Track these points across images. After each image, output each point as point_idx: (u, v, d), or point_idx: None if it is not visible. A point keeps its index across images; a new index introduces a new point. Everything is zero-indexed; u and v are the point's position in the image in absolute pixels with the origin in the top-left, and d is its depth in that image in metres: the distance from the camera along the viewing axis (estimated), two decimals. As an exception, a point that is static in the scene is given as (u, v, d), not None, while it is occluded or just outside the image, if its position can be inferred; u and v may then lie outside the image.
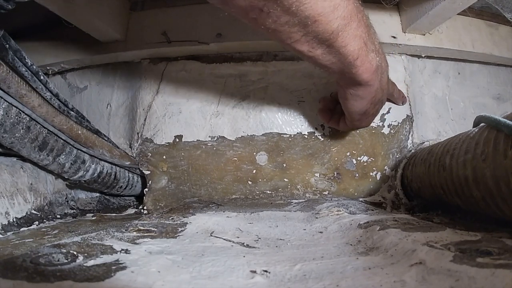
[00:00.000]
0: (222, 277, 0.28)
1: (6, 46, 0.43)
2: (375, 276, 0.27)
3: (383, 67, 0.54)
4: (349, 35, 0.45)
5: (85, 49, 0.78)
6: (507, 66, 0.87)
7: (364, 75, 0.51)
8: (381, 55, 0.53)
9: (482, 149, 0.40)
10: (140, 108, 0.77)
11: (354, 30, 0.45)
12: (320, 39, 0.45)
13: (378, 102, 0.59)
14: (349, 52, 0.47)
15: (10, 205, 0.53)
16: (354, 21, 0.45)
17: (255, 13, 0.41)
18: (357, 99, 0.57)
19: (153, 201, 0.73)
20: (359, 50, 0.48)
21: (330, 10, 0.41)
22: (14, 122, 0.48)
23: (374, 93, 0.55)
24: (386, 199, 0.69)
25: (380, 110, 0.63)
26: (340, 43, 0.45)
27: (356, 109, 0.59)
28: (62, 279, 0.24)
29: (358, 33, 0.46)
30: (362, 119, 0.62)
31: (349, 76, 0.52)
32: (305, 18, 0.41)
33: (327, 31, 0.43)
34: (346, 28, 0.44)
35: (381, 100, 0.60)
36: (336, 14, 0.42)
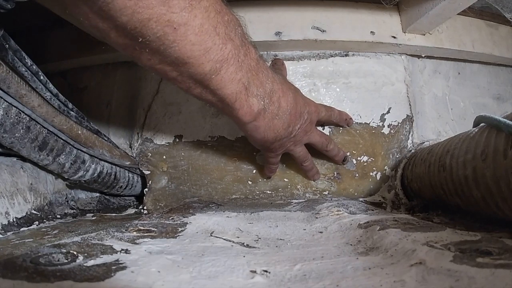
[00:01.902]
0: (222, 277, 0.28)
1: (6, 46, 0.43)
2: (375, 276, 0.27)
3: (273, 111, 0.54)
4: (224, 78, 0.45)
5: (85, 49, 0.78)
6: (507, 66, 0.87)
7: (244, 117, 0.52)
8: (272, 99, 0.53)
9: (482, 149, 0.40)
10: (140, 108, 0.77)
11: (230, 74, 0.45)
12: (195, 80, 0.45)
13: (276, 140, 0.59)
14: (226, 95, 0.48)
15: (10, 205, 0.53)
16: (232, 65, 0.45)
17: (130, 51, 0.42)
18: (249, 136, 0.59)
19: (153, 201, 0.73)
20: (238, 94, 0.48)
21: (201, 53, 0.41)
22: (14, 122, 0.48)
23: (262, 134, 0.56)
24: (386, 199, 0.69)
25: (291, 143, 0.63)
26: (215, 85, 0.46)
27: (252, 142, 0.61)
28: (62, 279, 0.24)
29: (236, 77, 0.46)
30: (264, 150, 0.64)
31: (231, 115, 0.53)
32: (175, 59, 0.41)
33: (199, 73, 0.43)
34: (220, 72, 0.44)
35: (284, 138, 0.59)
36: (208, 58, 0.42)
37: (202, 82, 0.45)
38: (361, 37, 0.71)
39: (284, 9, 0.71)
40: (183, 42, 0.40)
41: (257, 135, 0.57)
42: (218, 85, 0.46)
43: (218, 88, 0.46)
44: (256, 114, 0.52)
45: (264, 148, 0.62)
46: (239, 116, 0.52)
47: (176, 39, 0.39)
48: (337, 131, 0.74)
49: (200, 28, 0.40)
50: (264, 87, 0.52)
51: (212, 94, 0.48)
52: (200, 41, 0.41)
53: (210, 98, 0.49)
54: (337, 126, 0.73)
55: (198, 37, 0.40)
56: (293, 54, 0.76)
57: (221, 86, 0.46)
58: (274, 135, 0.57)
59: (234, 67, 0.45)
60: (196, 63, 0.42)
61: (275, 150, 0.63)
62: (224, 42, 0.43)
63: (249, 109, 0.51)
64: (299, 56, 0.76)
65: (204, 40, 0.41)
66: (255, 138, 0.58)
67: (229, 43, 0.44)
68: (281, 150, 0.64)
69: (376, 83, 0.75)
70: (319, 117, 0.65)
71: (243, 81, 0.48)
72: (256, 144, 0.61)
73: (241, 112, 0.51)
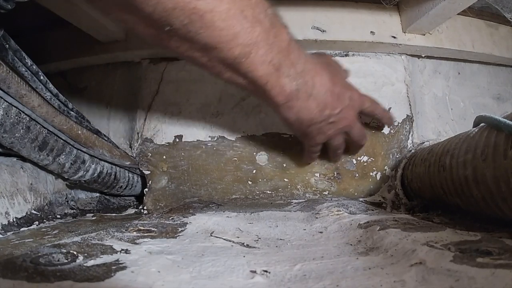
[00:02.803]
0: (222, 277, 0.28)
1: (6, 46, 0.43)
2: (375, 276, 0.27)
3: (307, 90, 0.53)
4: (254, 61, 0.45)
5: (85, 49, 0.78)
6: (507, 66, 0.87)
7: (276, 98, 0.51)
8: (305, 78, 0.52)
9: (482, 149, 0.40)
10: (140, 108, 0.77)
11: (260, 56, 0.45)
12: (225, 64, 0.45)
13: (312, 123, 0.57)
14: (257, 77, 0.47)
15: (10, 205, 0.53)
16: (261, 48, 0.45)
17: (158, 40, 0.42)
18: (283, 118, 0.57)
19: (153, 201, 0.73)
20: (269, 75, 0.48)
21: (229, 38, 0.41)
22: (14, 122, 0.48)
23: (297, 115, 0.55)
24: (386, 199, 0.69)
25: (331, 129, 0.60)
26: (246, 68, 0.46)
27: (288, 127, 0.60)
28: (62, 279, 0.24)
29: (267, 58, 0.46)
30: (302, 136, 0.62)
31: (263, 98, 0.52)
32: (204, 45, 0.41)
33: (229, 57, 0.43)
34: (250, 55, 0.44)
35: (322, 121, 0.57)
36: (237, 42, 0.42)
37: (232, 66, 0.45)
38: (361, 37, 0.71)
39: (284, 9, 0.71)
40: (211, 28, 0.39)
41: (291, 117, 0.55)
42: (248, 68, 0.45)
43: (248, 71, 0.46)
44: (288, 94, 0.51)
45: (302, 133, 0.60)
46: (271, 97, 0.51)
47: (203, 26, 0.39)
48: (337, 131, 0.73)
49: (227, 13, 0.40)
50: (296, 68, 0.50)
51: (243, 77, 0.48)
52: (227, 26, 0.40)
53: (241, 81, 0.49)
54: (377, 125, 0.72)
55: (225, 23, 0.40)
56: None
57: (251, 69, 0.46)
58: (309, 116, 0.55)
59: (264, 49, 0.45)
60: (225, 48, 0.42)
61: (313, 137, 0.61)
62: (252, 25, 0.42)
63: (281, 89, 0.50)
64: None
65: (231, 25, 0.40)
66: (290, 120, 0.56)
67: (258, 26, 0.43)
68: (321, 138, 0.61)
69: (376, 83, 0.75)
70: (362, 107, 0.62)
71: (274, 63, 0.47)
72: (293, 128, 0.59)
73: (273, 93, 0.50)
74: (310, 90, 0.53)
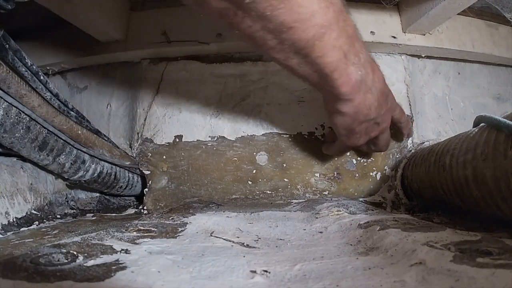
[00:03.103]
0: (222, 277, 0.28)
1: (6, 46, 0.43)
2: (375, 276, 0.27)
3: (368, 83, 0.50)
4: (327, 45, 0.43)
5: (85, 49, 0.78)
6: (507, 66, 0.87)
7: (342, 88, 0.48)
8: (367, 69, 0.50)
9: (482, 149, 0.40)
10: (140, 108, 0.77)
11: (333, 40, 0.43)
12: (295, 48, 0.43)
13: (365, 120, 0.55)
14: (326, 63, 0.45)
15: (10, 205, 0.53)
16: (334, 31, 0.42)
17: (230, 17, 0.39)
18: (340, 113, 0.53)
19: (153, 201, 0.73)
20: (338, 62, 0.45)
21: (307, 17, 0.39)
22: (14, 122, 0.48)
23: (356, 109, 0.52)
24: (386, 199, 0.69)
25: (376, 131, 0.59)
26: (317, 53, 0.43)
27: (339, 123, 0.56)
28: (62, 279, 0.24)
29: (337, 43, 0.44)
30: (349, 135, 0.58)
31: (327, 88, 0.49)
32: (280, 25, 0.39)
33: (302, 39, 0.41)
34: (323, 38, 0.42)
35: (373, 119, 0.56)
36: (313, 22, 0.40)
37: (303, 50, 0.43)
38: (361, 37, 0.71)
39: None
40: (291, 3, 0.37)
41: (348, 111, 0.52)
42: (319, 52, 0.43)
43: (318, 56, 0.43)
44: (353, 84, 0.48)
45: (350, 131, 0.57)
46: (336, 86, 0.48)
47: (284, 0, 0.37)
48: (337, 131, 0.74)
49: None
50: (359, 57, 0.48)
51: (311, 64, 0.45)
52: (307, 3, 0.38)
53: (307, 69, 0.46)
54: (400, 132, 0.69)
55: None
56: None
57: (322, 53, 0.43)
58: (367, 112, 0.53)
59: (336, 33, 0.43)
60: (301, 27, 0.39)
61: (360, 136, 0.58)
62: (327, 5, 0.40)
63: (347, 78, 0.47)
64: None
65: (311, 2, 0.39)
66: (347, 115, 0.53)
67: (331, 7, 0.41)
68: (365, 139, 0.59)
69: (376, 83, 0.75)
70: (393, 112, 0.60)
71: (343, 49, 0.45)
72: (344, 125, 0.55)
73: (339, 82, 0.47)
74: (370, 83, 0.51)
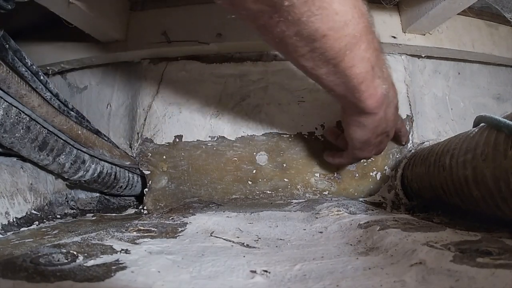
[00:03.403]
0: (222, 277, 0.28)
1: (6, 46, 0.43)
2: (375, 276, 0.27)
3: (390, 97, 0.51)
4: (356, 56, 0.43)
5: (85, 49, 0.78)
6: (507, 66, 0.87)
7: (367, 101, 0.48)
8: (389, 83, 0.50)
9: (482, 149, 0.40)
10: (140, 108, 0.77)
11: (362, 51, 0.43)
12: (326, 57, 0.42)
13: (382, 133, 0.56)
14: (355, 75, 0.45)
15: (10, 205, 0.53)
16: (364, 42, 0.43)
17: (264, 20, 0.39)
18: (359, 126, 0.54)
19: (153, 201, 0.73)
20: (366, 74, 0.45)
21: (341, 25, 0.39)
22: (14, 122, 0.48)
23: (377, 123, 0.52)
24: (386, 199, 0.69)
25: (385, 143, 0.61)
26: (346, 63, 0.43)
27: (357, 136, 0.56)
28: (62, 279, 0.24)
29: (366, 55, 0.44)
30: (363, 148, 0.59)
31: (352, 101, 0.49)
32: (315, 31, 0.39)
33: (334, 48, 0.41)
34: (354, 48, 0.42)
35: (386, 132, 0.57)
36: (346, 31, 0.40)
37: (333, 60, 0.42)
38: (361, 37, 0.71)
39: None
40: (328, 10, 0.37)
41: (371, 125, 0.52)
42: (349, 63, 0.43)
43: (348, 67, 0.43)
44: (379, 98, 0.48)
45: (366, 144, 0.57)
46: (363, 99, 0.48)
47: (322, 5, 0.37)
48: (337, 131, 0.74)
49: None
50: (382, 70, 0.48)
51: (339, 75, 0.45)
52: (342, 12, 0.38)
53: (334, 79, 0.46)
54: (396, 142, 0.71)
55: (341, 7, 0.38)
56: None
57: (351, 64, 0.43)
58: (385, 125, 0.54)
59: (365, 44, 0.43)
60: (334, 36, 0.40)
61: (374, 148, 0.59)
62: (359, 16, 0.41)
63: (374, 91, 0.47)
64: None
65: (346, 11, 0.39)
66: (368, 129, 0.53)
67: (363, 18, 0.41)
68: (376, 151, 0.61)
69: (376, 83, 0.75)
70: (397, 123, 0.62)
71: (371, 61, 0.45)
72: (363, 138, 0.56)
73: (366, 95, 0.47)
74: (392, 97, 0.51)
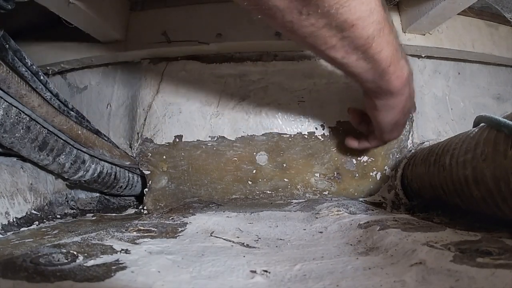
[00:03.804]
0: (222, 277, 0.28)
1: (6, 46, 0.43)
2: (375, 276, 0.27)
3: (411, 75, 0.54)
4: (383, 40, 0.45)
5: (85, 49, 0.78)
6: (507, 66, 0.87)
7: (396, 82, 0.51)
8: (408, 62, 0.53)
9: (482, 149, 0.40)
10: (140, 108, 0.77)
11: (387, 35, 0.45)
12: (355, 45, 0.44)
13: (408, 111, 0.58)
14: (383, 58, 0.47)
15: (10, 205, 0.53)
16: (387, 27, 0.45)
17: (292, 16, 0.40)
18: (389, 109, 0.56)
19: (153, 201, 0.73)
20: (392, 57, 0.47)
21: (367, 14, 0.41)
22: (14, 122, 0.48)
23: (405, 102, 0.55)
24: (386, 199, 0.69)
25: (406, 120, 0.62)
26: (375, 49, 0.45)
27: (387, 119, 0.58)
28: (62, 279, 0.24)
29: (390, 39, 0.46)
30: (393, 129, 0.61)
31: (381, 84, 0.51)
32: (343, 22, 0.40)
33: (363, 36, 0.43)
34: (380, 33, 0.44)
35: (410, 109, 0.59)
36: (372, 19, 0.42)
37: (362, 47, 0.45)
38: (361, 37, 0.71)
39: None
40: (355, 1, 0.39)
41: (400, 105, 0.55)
42: (377, 48, 0.45)
43: (376, 52, 0.46)
44: (405, 78, 0.51)
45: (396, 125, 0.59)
46: (392, 80, 0.50)
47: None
48: (337, 131, 0.74)
49: None
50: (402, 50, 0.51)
51: (368, 60, 0.47)
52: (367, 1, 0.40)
53: (364, 65, 0.48)
54: None
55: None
56: (293, 54, 0.76)
57: (379, 49, 0.45)
58: (411, 103, 0.57)
59: (388, 29, 0.45)
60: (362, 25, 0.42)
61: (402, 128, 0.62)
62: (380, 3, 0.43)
63: (401, 72, 0.50)
64: (299, 56, 0.76)
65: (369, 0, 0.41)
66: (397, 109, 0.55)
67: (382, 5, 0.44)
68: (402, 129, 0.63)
69: (376, 83, 0.75)
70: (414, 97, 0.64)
71: (394, 43, 0.47)
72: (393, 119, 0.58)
73: (394, 77, 0.50)
74: (412, 76, 0.54)
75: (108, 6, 0.70)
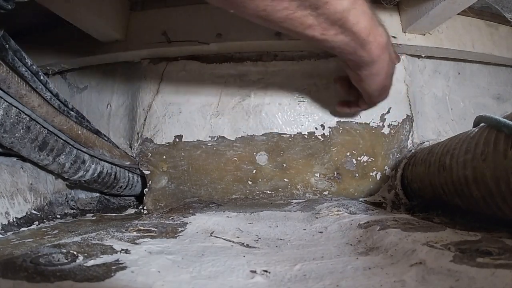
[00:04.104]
0: (222, 277, 0.28)
1: (6, 46, 0.43)
2: (375, 276, 0.27)
3: (390, 40, 0.55)
4: (358, 11, 0.46)
5: (85, 49, 0.78)
6: (507, 66, 0.87)
7: (377, 50, 0.52)
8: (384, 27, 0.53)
9: (482, 149, 0.40)
10: (140, 108, 0.77)
11: (361, 6, 0.46)
12: (332, 20, 0.45)
13: (391, 74, 0.60)
14: (361, 29, 0.48)
15: (10, 205, 0.53)
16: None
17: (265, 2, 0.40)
18: (374, 77, 0.57)
19: (153, 201, 0.73)
20: (370, 26, 0.48)
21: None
22: (14, 122, 0.48)
23: (387, 66, 0.56)
24: (386, 199, 0.69)
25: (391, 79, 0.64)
26: (352, 21, 0.46)
27: (374, 87, 0.60)
28: (62, 279, 0.24)
29: (365, 8, 0.47)
30: (381, 93, 0.63)
31: (363, 54, 0.52)
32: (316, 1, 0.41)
33: (338, 10, 0.44)
34: (355, 5, 0.45)
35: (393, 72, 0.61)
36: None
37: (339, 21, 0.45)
38: (361, 37, 0.71)
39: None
40: None
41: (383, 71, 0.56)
42: (353, 19, 0.46)
43: (354, 24, 0.46)
44: (384, 45, 0.52)
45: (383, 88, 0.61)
46: (372, 50, 0.51)
47: None
48: (337, 131, 0.74)
49: None
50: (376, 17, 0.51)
51: (347, 33, 0.48)
52: None
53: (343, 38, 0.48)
54: None
55: None
56: (293, 54, 0.76)
57: (356, 20, 0.46)
58: (393, 64, 0.58)
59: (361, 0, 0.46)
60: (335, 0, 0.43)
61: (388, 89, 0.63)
62: None
63: (380, 38, 0.51)
64: (299, 56, 0.76)
65: None
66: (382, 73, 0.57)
67: None
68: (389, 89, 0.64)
69: (376, 83, 0.75)
70: None
71: (369, 13, 0.48)
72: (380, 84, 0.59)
73: (374, 46, 0.51)
74: (390, 40, 0.55)
75: (108, 6, 0.70)
